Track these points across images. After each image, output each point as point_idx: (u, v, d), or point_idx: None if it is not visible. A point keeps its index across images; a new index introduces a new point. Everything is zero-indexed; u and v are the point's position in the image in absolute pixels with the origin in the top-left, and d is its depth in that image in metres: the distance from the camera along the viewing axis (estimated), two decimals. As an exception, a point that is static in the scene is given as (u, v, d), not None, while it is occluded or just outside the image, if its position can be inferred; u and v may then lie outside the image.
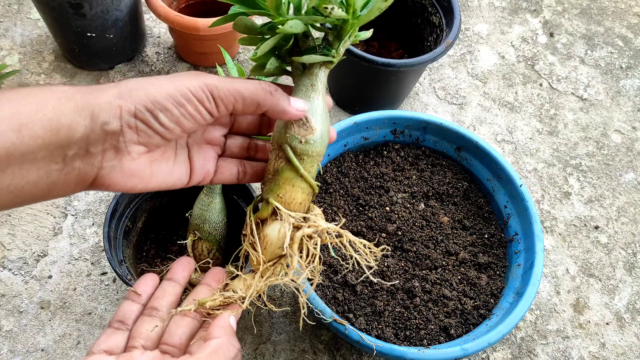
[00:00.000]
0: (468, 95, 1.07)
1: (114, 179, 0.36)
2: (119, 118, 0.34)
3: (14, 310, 0.74)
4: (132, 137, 0.35)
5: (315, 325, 0.77)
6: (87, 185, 0.36)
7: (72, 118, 0.33)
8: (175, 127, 0.37)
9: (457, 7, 0.90)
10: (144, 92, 0.35)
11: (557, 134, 1.03)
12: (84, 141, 0.34)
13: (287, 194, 0.44)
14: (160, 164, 0.40)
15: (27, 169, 0.32)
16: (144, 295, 0.45)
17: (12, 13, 1.05)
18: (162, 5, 0.90)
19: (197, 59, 1.02)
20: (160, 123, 0.36)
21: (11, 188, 0.32)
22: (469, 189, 0.78)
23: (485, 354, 0.79)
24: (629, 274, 0.88)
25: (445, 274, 0.69)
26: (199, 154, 0.44)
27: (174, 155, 0.42)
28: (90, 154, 0.34)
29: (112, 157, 0.35)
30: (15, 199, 0.33)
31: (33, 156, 0.31)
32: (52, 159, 0.33)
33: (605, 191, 0.97)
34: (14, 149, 0.30)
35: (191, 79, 0.37)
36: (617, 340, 0.81)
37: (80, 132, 0.33)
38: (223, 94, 0.37)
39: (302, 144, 0.42)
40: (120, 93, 0.35)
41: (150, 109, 0.35)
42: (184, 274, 0.48)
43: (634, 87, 1.12)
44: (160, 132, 0.36)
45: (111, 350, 0.41)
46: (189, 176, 0.44)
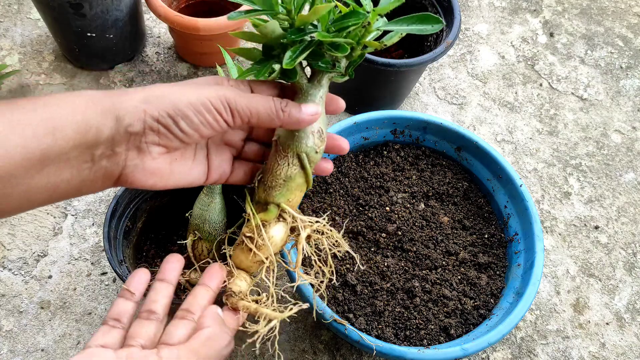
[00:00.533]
0: (468, 95, 1.07)
1: (137, 176, 0.39)
2: (142, 121, 0.37)
3: (14, 310, 0.74)
4: (154, 139, 0.38)
5: (315, 325, 0.77)
6: (112, 183, 0.39)
7: (99, 121, 0.36)
8: (194, 134, 0.39)
9: (457, 7, 0.90)
10: (168, 99, 0.38)
11: (557, 134, 1.03)
12: (109, 142, 0.36)
13: (295, 199, 0.47)
14: (179, 163, 0.42)
15: (62, 168, 0.35)
16: (137, 293, 0.46)
17: (12, 13, 1.05)
18: (162, 5, 0.90)
19: (197, 59, 1.02)
20: (181, 129, 0.38)
21: (49, 186, 0.35)
22: (469, 189, 0.78)
23: (485, 354, 0.79)
24: (629, 274, 0.88)
25: (445, 274, 0.69)
26: (217, 155, 0.46)
27: (192, 155, 0.44)
28: (115, 154, 0.37)
29: (134, 157, 0.38)
30: (52, 194, 0.36)
31: (66, 156, 0.34)
32: (83, 158, 0.36)
33: (605, 191, 0.97)
34: (49, 150, 0.33)
35: (211, 90, 0.39)
36: (617, 340, 0.82)
37: (106, 134, 0.36)
38: (240, 108, 0.40)
39: (316, 154, 0.46)
40: (145, 98, 0.37)
41: (172, 115, 0.38)
42: (174, 274, 0.49)
43: (634, 87, 1.12)
44: (180, 137, 0.39)
45: (107, 346, 0.41)
46: (206, 175, 0.46)
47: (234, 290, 0.47)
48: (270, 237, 0.46)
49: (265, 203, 0.47)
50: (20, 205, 0.35)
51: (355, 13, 0.43)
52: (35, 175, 0.34)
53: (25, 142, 0.32)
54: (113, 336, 0.42)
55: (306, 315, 0.78)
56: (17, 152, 0.32)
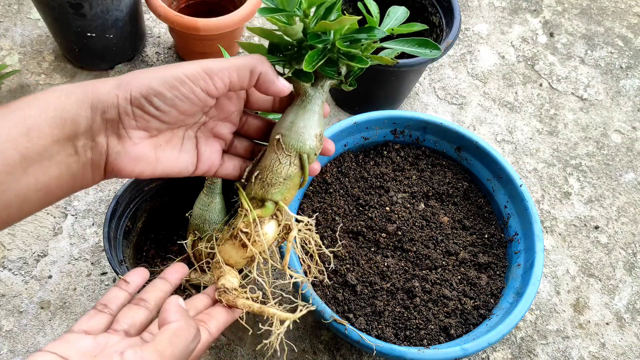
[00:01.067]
0: (468, 95, 1.07)
1: (121, 164, 0.39)
2: (116, 106, 0.37)
3: (14, 310, 0.74)
4: (131, 123, 0.38)
5: (315, 325, 0.77)
6: (102, 174, 0.39)
7: (74, 111, 0.36)
8: (171, 110, 0.39)
9: (457, 7, 0.90)
10: (139, 80, 0.37)
11: (557, 134, 1.03)
12: (88, 132, 0.37)
13: (290, 197, 0.49)
14: (165, 150, 0.42)
15: (47, 165, 0.35)
16: (133, 285, 0.46)
17: (12, 13, 1.05)
18: (162, 5, 0.90)
19: (197, 59, 1.01)
20: (155, 107, 0.38)
21: (39, 186, 0.35)
22: (469, 189, 0.78)
23: (485, 354, 0.79)
24: (629, 274, 0.88)
25: (445, 274, 0.69)
26: (206, 146, 0.46)
27: (180, 143, 0.44)
28: (97, 144, 0.37)
29: (115, 144, 0.38)
30: (46, 195, 0.36)
31: (48, 153, 0.34)
32: (66, 152, 0.36)
33: (605, 191, 0.97)
34: (28, 151, 0.33)
35: (189, 65, 0.39)
36: (617, 340, 0.81)
37: (83, 124, 0.36)
38: (217, 69, 0.40)
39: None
40: (118, 83, 0.37)
41: (144, 95, 0.37)
42: (176, 276, 0.50)
43: (634, 87, 1.12)
44: (157, 116, 0.39)
45: (90, 331, 0.41)
46: (195, 165, 0.46)
47: (227, 286, 0.47)
48: (265, 233, 0.47)
49: (261, 200, 0.48)
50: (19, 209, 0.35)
51: (370, 29, 0.45)
52: (22, 178, 0.34)
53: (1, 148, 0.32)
54: (98, 321, 0.42)
55: (306, 315, 0.78)
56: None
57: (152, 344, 0.37)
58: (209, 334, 0.45)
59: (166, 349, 0.36)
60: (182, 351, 0.37)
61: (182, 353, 0.37)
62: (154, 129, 0.40)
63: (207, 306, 0.49)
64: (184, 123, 0.44)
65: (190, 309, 0.47)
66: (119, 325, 0.42)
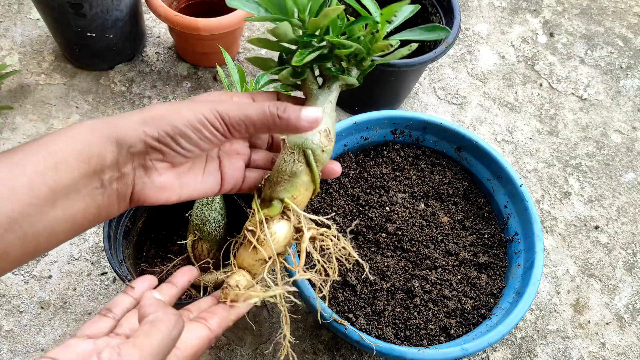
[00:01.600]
0: (468, 95, 1.07)
1: (148, 193, 0.40)
2: (143, 142, 0.38)
3: (14, 310, 0.74)
4: (157, 156, 0.40)
5: (315, 325, 0.77)
6: (127, 203, 0.40)
7: (100, 147, 0.37)
8: (194, 149, 0.41)
9: (457, 7, 0.90)
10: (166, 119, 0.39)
11: (557, 134, 1.03)
12: (114, 165, 0.38)
13: (300, 196, 0.47)
14: (188, 176, 0.43)
15: (74, 198, 0.36)
16: (139, 290, 0.47)
17: (12, 13, 1.05)
18: (162, 5, 0.90)
19: (197, 59, 1.02)
20: (181, 146, 0.40)
21: (66, 217, 0.36)
22: (469, 189, 0.78)
23: (485, 354, 0.79)
24: (629, 274, 0.88)
25: (445, 274, 0.69)
26: (229, 164, 0.47)
27: (202, 167, 0.45)
28: (123, 175, 0.39)
29: (142, 175, 0.40)
30: (73, 226, 0.36)
31: (75, 187, 0.36)
32: (93, 185, 0.37)
33: (605, 191, 0.97)
34: (56, 185, 0.34)
35: (206, 106, 0.40)
36: (617, 340, 0.81)
37: (109, 158, 0.37)
38: (234, 120, 0.41)
39: (322, 153, 0.46)
40: (144, 120, 0.39)
41: (170, 134, 0.39)
42: (183, 279, 0.50)
43: (634, 87, 1.12)
44: (182, 153, 0.40)
45: (94, 335, 0.42)
46: (219, 184, 0.47)
47: (230, 284, 0.47)
48: (273, 232, 0.46)
49: (269, 199, 0.47)
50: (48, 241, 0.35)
51: (364, 18, 0.44)
52: (50, 211, 0.34)
53: (30, 181, 0.33)
54: (102, 325, 0.43)
55: (306, 315, 0.78)
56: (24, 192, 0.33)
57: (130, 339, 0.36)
58: (209, 330, 0.44)
59: (144, 341, 0.35)
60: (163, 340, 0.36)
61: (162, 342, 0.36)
62: (177, 162, 0.41)
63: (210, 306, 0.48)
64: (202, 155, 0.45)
65: (195, 310, 0.47)
66: (121, 329, 0.42)
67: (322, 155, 0.46)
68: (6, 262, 0.33)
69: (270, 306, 0.78)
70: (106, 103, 0.96)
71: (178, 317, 0.38)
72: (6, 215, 0.32)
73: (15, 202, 0.32)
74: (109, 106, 0.96)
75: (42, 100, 0.95)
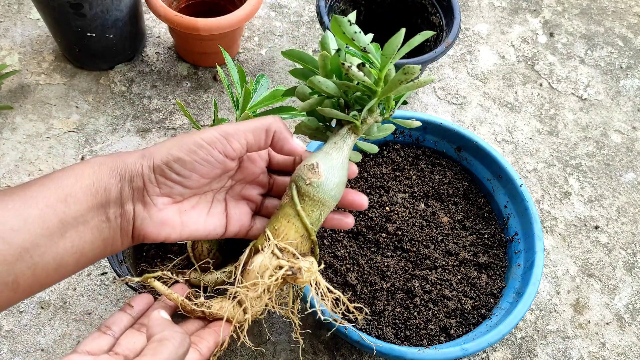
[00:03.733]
0: (468, 95, 1.07)
1: (148, 229, 0.41)
2: (140, 175, 0.39)
3: (14, 310, 0.74)
4: (155, 190, 0.40)
5: (315, 325, 0.77)
6: (130, 239, 0.41)
7: (106, 180, 0.38)
8: (191, 174, 0.41)
9: (457, 7, 0.90)
10: (161, 149, 0.40)
11: (557, 134, 1.03)
12: (118, 200, 0.39)
13: (281, 227, 0.45)
14: (191, 214, 0.44)
15: (82, 230, 0.37)
16: (137, 309, 0.48)
17: (12, 13, 1.05)
18: (162, 5, 0.90)
19: (197, 59, 1.02)
20: (176, 172, 0.40)
21: (74, 249, 0.37)
22: (469, 189, 0.78)
23: (485, 354, 0.79)
24: (629, 274, 0.88)
25: (445, 274, 0.69)
26: (235, 208, 0.48)
27: (207, 207, 0.46)
28: (125, 211, 0.40)
29: (141, 210, 0.40)
30: (81, 258, 0.38)
31: (83, 219, 0.37)
32: (100, 218, 0.38)
33: (605, 191, 0.97)
34: (65, 216, 0.36)
35: (207, 131, 0.41)
36: (617, 340, 0.82)
37: (114, 192, 0.38)
38: (233, 131, 0.42)
39: (306, 185, 0.45)
40: (143, 154, 0.40)
41: (164, 161, 0.40)
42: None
43: (634, 87, 1.12)
44: (178, 181, 0.41)
45: (94, 352, 0.42)
46: (224, 227, 0.47)
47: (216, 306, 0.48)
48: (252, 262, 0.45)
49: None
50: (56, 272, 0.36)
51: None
52: (59, 242, 0.36)
53: (41, 213, 0.35)
54: (101, 342, 0.43)
55: (306, 316, 0.78)
56: (36, 223, 0.34)
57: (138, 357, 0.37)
58: (200, 355, 0.46)
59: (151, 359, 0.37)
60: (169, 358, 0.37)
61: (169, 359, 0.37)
62: (177, 194, 0.41)
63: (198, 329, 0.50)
64: (210, 188, 0.45)
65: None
66: (120, 349, 0.43)
67: (307, 188, 0.45)
68: (16, 292, 0.34)
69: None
70: (106, 103, 0.96)
71: (184, 336, 0.39)
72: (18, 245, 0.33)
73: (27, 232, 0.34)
74: (109, 106, 0.96)
75: (42, 100, 0.95)
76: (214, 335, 0.48)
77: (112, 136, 0.92)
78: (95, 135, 0.92)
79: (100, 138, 0.92)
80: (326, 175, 0.45)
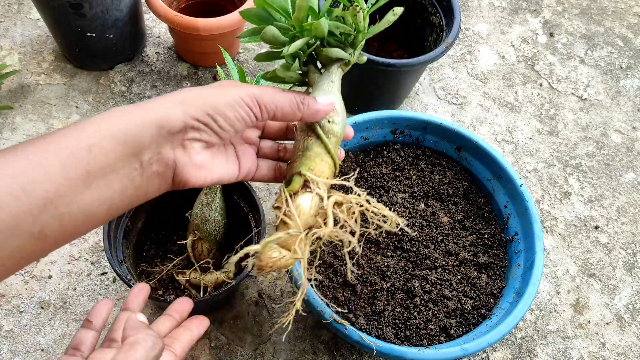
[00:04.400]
0: (468, 95, 1.07)
1: (190, 172, 0.41)
2: (182, 121, 0.39)
3: (14, 310, 0.74)
4: (195, 135, 0.41)
5: (315, 325, 0.77)
6: (169, 184, 0.42)
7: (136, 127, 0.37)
8: (230, 129, 0.42)
9: (457, 7, 0.90)
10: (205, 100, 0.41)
11: (557, 134, 1.03)
12: (153, 146, 0.38)
13: (317, 166, 0.47)
14: (219, 158, 0.45)
15: (110, 179, 0.36)
16: (99, 321, 0.48)
17: (12, 13, 1.05)
18: (162, 5, 0.90)
19: (197, 59, 1.02)
20: (219, 125, 0.41)
21: (102, 199, 0.36)
22: (469, 189, 0.78)
23: (485, 354, 0.79)
24: (629, 274, 0.88)
25: (445, 274, 0.69)
26: (243, 151, 0.49)
27: (225, 152, 0.47)
28: (163, 156, 0.39)
29: (182, 154, 0.40)
30: (110, 209, 0.37)
31: (111, 168, 0.36)
32: (131, 167, 0.37)
33: (605, 191, 0.97)
34: (89, 167, 0.35)
35: (242, 88, 0.42)
36: (617, 340, 0.82)
37: (147, 139, 0.38)
38: (267, 101, 0.43)
39: (329, 123, 0.48)
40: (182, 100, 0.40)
41: (210, 114, 0.40)
42: (138, 301, 0.51)
43: (634, 87, 1.12)
44: (218, 132, 0.42)
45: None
46: (237, 171, 0.48)
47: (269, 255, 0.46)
48: (297, 205, 0.46)
49: (290, 178, 0.48)
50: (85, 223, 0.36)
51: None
52: (85, 192, 0.35)
53: (63, 164, 0.34)
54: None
55: (306, 315, 0.78)
56: (57, 173, 0.34)
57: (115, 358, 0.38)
58: (175, 356, 0.46)
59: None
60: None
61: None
62: (211, 142, 0.42)
63: (171, 328, 0.50)
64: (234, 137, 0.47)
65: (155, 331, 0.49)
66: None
67: (331, 126, 0.48)
68: (45, 242, 0.34)
69: (270, 307, 0.79)
70: (106, 103, 0.96)
71: (156, 339, 0.39)
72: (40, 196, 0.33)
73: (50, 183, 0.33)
74: (109, 106, 0.96)
75: (42, 100, 0.95)
76: (187, 334, 0.48)
77: (112, 136, 0.92)
78: (95, 135, 0.92)
79: (100, 138, 0.92)
80: (341, 111, 0.49)
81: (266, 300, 0.79)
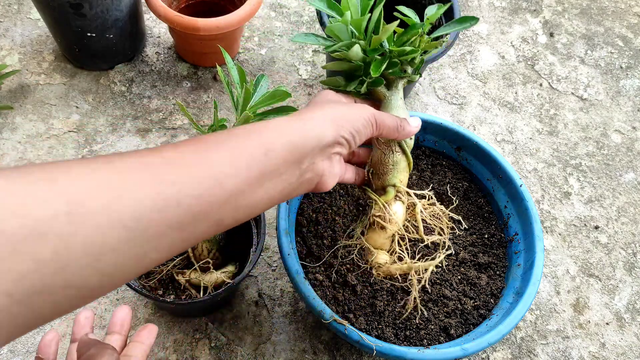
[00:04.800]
0: (468, 95, 1.07)
1: (329, 181, 0.48)
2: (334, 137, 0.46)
3: (14, 310, 0.74)
4: (339, 150, 0.47)
5: (315, 325, 0.77)
6: (312, 189, 0.48)
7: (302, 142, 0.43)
8: (360, 143, 0.49)
9: (457, 7, 0.90)
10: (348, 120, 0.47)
11: (557, 134, 1.03)
12: (310, 156, 0.44)
13: (404, 179, 0.58)
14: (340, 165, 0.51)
15: (276, 181, 0.41)
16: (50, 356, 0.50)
17: (12, 13, 1.05)
18: (162, 5, 0.90)
19: (197, 59, 1.02)
20: (356, 142, 0.48)
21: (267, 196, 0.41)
22: (469, 189, 0.78)
23: (485, 354, 0.79)
24: (629, 274, 0.88)
25: (445, 274, 0.69)
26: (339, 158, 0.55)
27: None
28: (316, 166, 0.45)
29: (328, 165, 0.47)
30: (269, 203, 0.42)
31: (278, 172, 0.41)
32: (292, 172, 0.43)
33: (605, 191, 0.97)
34: (265, 169, 0.40)
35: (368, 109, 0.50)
36: (617, 340, 0.82)
37: (308, 150, 0.43)
38: (381, 122, 0.51)
39: (410, 140, 0.58)
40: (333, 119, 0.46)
41: (353, 133, 0.47)
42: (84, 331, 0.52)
43: (634, 87, 1.12)
44: (352, 147, 0.49)
45: None
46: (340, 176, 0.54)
47: (379, 262, 0.57)
48: (394, 212, 0.56)
49: (382, 188, 0.57)
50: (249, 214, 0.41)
51: (414, 27, 0.55)
52: (258, 190, 0.40)
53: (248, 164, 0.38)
54: None
55: (306, 315, 0.78)
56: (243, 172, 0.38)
57: None
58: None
59: None
60: None
61: None
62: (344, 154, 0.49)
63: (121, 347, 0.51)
64: None
65: None
66: None
67: (410, 142, 0.58)
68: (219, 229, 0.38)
69: (270, 306, 0.78)
70: (106, 103, 0.96)
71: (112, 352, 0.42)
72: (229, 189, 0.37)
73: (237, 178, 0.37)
74: (109, 106, 0.96)
75: (42, 100, 0.95)
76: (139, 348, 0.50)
77: (112, 136, 0.92)
78: (95, 135, 0.92)
79: (100, 138, 0.92)
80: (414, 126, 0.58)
81: (266, 300, 0.79)
